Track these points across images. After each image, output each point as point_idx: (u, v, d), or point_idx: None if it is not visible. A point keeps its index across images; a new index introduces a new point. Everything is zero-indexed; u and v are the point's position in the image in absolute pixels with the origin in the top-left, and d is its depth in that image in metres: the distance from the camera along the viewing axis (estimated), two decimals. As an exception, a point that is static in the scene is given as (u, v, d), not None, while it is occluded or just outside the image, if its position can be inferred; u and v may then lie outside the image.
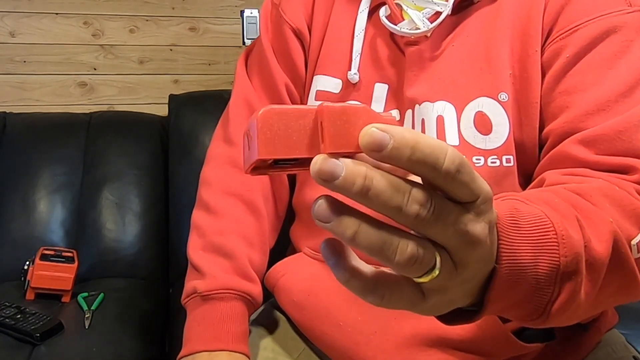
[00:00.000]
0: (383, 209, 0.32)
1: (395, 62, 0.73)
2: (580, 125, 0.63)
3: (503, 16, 0.69)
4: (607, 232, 0.50)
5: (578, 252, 0.46)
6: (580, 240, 0.47)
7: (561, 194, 0.53)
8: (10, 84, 1.80)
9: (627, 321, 0.90)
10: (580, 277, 0.47)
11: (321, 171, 0.31)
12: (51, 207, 1.49)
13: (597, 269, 0.49)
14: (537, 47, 0.67)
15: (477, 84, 0.68)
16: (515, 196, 0.50)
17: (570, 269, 0.45)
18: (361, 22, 0.74)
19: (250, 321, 0.89)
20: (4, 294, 1.28)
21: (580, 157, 0.61)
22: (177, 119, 1.64)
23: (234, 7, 1.97)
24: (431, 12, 0.69)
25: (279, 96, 0.82)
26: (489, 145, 0.67)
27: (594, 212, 0.52)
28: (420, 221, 0.33)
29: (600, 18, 0.65)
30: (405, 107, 0.71)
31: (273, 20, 0.83)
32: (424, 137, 0.33)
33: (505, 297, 0.42)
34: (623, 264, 0.52)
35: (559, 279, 0.45)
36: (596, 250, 0.48)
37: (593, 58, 0.65)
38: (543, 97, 0.67)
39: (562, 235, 0.45)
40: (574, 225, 0.48)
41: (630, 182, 0.58)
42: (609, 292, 0.53)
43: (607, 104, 0.62)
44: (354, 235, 0.32)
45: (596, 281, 0.49)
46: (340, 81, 0.75)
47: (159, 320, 1.33)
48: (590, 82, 0.64)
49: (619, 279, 0.52)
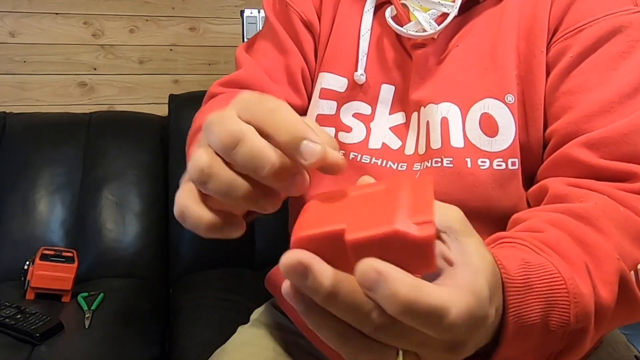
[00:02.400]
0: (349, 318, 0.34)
1: (401, 64, 0.72)
2: (583, 126, 0.62)
3: (509, 16, 0.68)
4: (613, 273, 0.50)
5: (589, 311, 0.46)
6: (591, 294, 0.47)
7: (568, 227, 0.52)
8: (10, 84, 1.80)
9: (627, 321, 0.90)
10: (590, 332, 0.47)
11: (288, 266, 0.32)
12: (51, 207, 1.49)
13: (603, 314, 0.49)
14: (543, 48, 0.66)
15: (483, 85, 0.67)
16: (523, 240, 0.50)
17: (580, 326, 0.46)
18: (367, 22, 0.73)
19: (251, 321, 0.89)
20: (4, 294, 1.28)
21: (584, 160, 0.60)
22: (177, 119, 1.64)
23: (234, 7, 1.96)
24: (437, 14, 0.68)
25: (294, 81, 0.77)
26: (494, 147, 0.66)
27: (602, 248, 0.51)
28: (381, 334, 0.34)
29: (605, 18, 0.64)
30: (411, 110, 0.71)
31: (279, 13, 0.79)
32: (421, 296, 0.32)
33: (511, 349, 0.43)
34: (628, 299, 0.52)
35: (567, 334, 0.46)
36: (602, 297, 0.48)
37: (598, 58, 0.64)
38: (546, 97, 0.66)
39: (575, 294, 0.45)
40: (584, 277, 0.48)
41: (634, 193, 0.57)
42: (613, 326, 0.54)
43: (611, 105, 0.62)
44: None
45: (602, 325, 0.49)
46: (346, 80, 0.74)
47: (159, 320, 1.33)
48: (594, 83, 0.63)
49: (624, 312, 0.53)
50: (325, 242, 0.33)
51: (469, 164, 0.65)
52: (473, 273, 0.36)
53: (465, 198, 0.64)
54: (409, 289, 0.31)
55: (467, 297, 0.34)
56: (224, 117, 0.36)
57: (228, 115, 0.36)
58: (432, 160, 0.67)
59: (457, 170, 0.65)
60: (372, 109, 0.72)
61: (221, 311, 1.29)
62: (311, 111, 0.76)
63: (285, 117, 0.35)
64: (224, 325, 1.12)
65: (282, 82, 0.76)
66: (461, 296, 0.34)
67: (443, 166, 0.66)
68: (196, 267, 1.52)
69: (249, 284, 1.40)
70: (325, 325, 0.34)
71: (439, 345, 0.35)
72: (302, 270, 0.32)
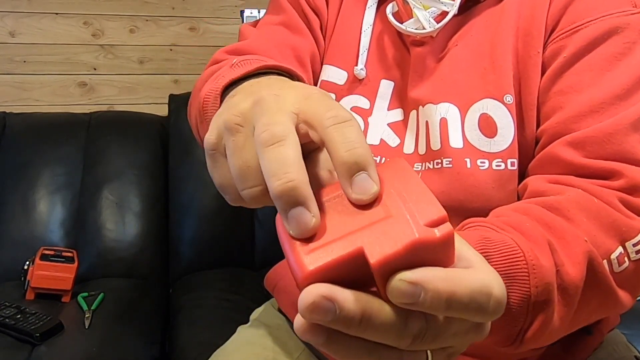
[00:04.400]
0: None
1: (400, 61, 0.72)
2: (571, 126, 0.61)
3: (507, 16, 0.68)
4: (581, 253, 0.50)
5: (549, 281, 0.46)
6: (552, 267, 0.47)
7: (535, 213, 0.52)
8: (10, 84, 1.80)
9: (628, 321, 0.90)
10: (553, 304, 0.47)
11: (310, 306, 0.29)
12: (51, 207, 1.49)
13: (571, 292, 0.49)
14: (539, 48, 0.66)
15: (482, 85, 0.67)
16: (485, 222, 0.50)
17: (542, 298, 0.46)
18: (369, 17, 0.74)
19: (251, 321, 0.89)
20: (4, 294, 1.28)
21: (567, 159, 0.60)
22: (177, 119, 1.64)
23: (234, 7, 1.96)
24: (437, 12, 0.68)
25: (300, 59, 0.74)
26: (493, 148, 0.66)
27: (569, 231, 0.51)
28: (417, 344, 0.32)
29: (602, 18, 0.63)
30: (410, 108, 0.71)
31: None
32: (460, 283, 0.31)
33: None
34: (599, 283, 0.52)
35: (531, 308, 0.46)
36: (569, 275, 0.48)
37: (592, 59, 0.63)
38: (540, 97, 0.66)
39: (533, 264, 0.45)
40: (545, 252, 0.48)
41: (613, 190, 0.57)
42: (587, 311, 0.53)
43: (601, 105, 0.61)
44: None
45: (571, 304, 0.49)
46: (346, 73, 0.74)
47: (159, 320, 1.33)
48: (586, 83, 0.62)
49: (597, 297, 0.52)
50: (342, 268, 0.31)
51: (469, 164, 0.65)
52: (475, 254, 0.36)
53: (465, 199, 0.64)
54: (448, 282, 0.31)
55: (494, 272, 0.35)
56: (278, 109, 0.33)
57: (282, 109, 0.33)
58: (434, 161, 0.67)
59: (457, 170, 0.65)
60: (371, 104, 0.73)
61: (221, 311, 1.29)
62: None
63: (351, 134, 0.32)
64: (224, 325, 1.12)
65: (290, 58, 0.73)
66: (490, 273, 0.34)
67: (443, 167, 0.66)
68: (196, 267, 1.52)
69: (249, 284, 1.41)
70: (353, 351, 0.31)
71: (471, 329, 0.35)
72: (328, 306, 0.29)
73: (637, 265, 0.54)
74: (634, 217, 0.55)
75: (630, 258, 0.54)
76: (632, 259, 0.54)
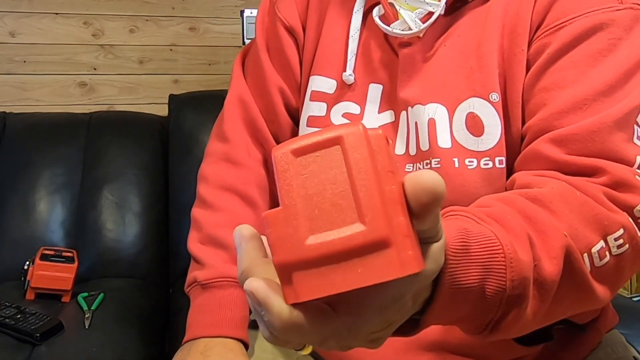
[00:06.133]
0: None
1: (389, 63, 0.73)
2: (555, 123, 0.61)
3: (494, 15, 0.68)
4: (559, 248, 0.50)
5: (526, 275, 0.46)
6: (530, 262, 0.47)
7: (517, 204, 0.52)
8: (10, 84, 1.80)
9: (627, 321, 0.90)
10: (527, 299, 0.47)
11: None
12: (51, 207, 1.49)
13: (547, 287, 0.49)
14: (524, 46, 0.65)
15: (468, 84, 0.67)
16: (467, 212, 0.50)
17: (517, 292, 0.46)
18: (356, 22, 0.74)
19: (250, 322, 0.89)
20: (4, 294, 1.28)
21: (550, 156, 0.60)
22: (177, 119, 1.64)
23: (234, 7, 1.97)
24: (424, 13, 0.68)
25: (270, 100, 0.81)
26: (481, 147, 0.66)
27: (549, 224, 0.51)
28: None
29: (587, 15, 0.63)
30: (400, 109, 0.71)
31: (269, 18, 0.83)
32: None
33: (447, 314, 0.43)
34: (576, 279, 0.52)
35: (505, 301, 0.46)
36: (546, 270, 0.48)
37: (576, 55, 0.63)
38: (524, 94, 0.65)
39: (511, 258, 0.45)
40: (524, 246, 0.47)
41: (598, 185, 0.56)
42: (563, 306, 0.53)
43: (584, 102, 0.60)
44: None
45: (546, 299, 0.49)
46: (335, 82, 0.75)
47: (159, 320, 1.33)
48: (570, 80, 0.62)
49: (572, 293, 0.52)
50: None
51: (457, 164, 0.66)
52: None
53: (454, 198, 0.64)
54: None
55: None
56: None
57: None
58: (423, 162, 0.68)
59: (445, 170, 0.66)
60: (361, 109, 0.73)
61: (221, 311, 1.29)
62: (303, 114, 0.77)
63: None
64: (223, 325, 1.12)
65: (278, 104, 0.81)
66: None
67: (432, 167, 0.66)
68: (196, 267, 1.51)
69: (249, 284, 1.40)
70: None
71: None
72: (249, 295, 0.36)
73: (618, 260, 0.54)
74: (617, 211, 0.55)
75: (612, 253, 0.54)
76: (613, 254, 0.54)
